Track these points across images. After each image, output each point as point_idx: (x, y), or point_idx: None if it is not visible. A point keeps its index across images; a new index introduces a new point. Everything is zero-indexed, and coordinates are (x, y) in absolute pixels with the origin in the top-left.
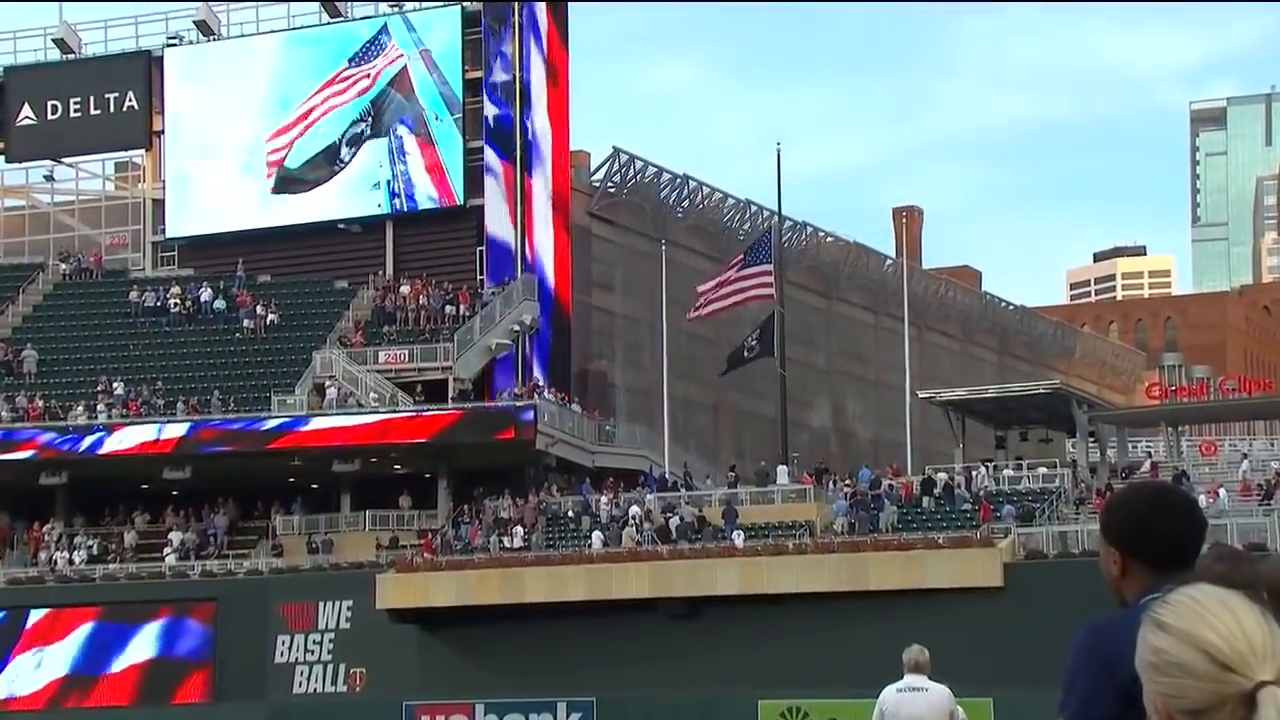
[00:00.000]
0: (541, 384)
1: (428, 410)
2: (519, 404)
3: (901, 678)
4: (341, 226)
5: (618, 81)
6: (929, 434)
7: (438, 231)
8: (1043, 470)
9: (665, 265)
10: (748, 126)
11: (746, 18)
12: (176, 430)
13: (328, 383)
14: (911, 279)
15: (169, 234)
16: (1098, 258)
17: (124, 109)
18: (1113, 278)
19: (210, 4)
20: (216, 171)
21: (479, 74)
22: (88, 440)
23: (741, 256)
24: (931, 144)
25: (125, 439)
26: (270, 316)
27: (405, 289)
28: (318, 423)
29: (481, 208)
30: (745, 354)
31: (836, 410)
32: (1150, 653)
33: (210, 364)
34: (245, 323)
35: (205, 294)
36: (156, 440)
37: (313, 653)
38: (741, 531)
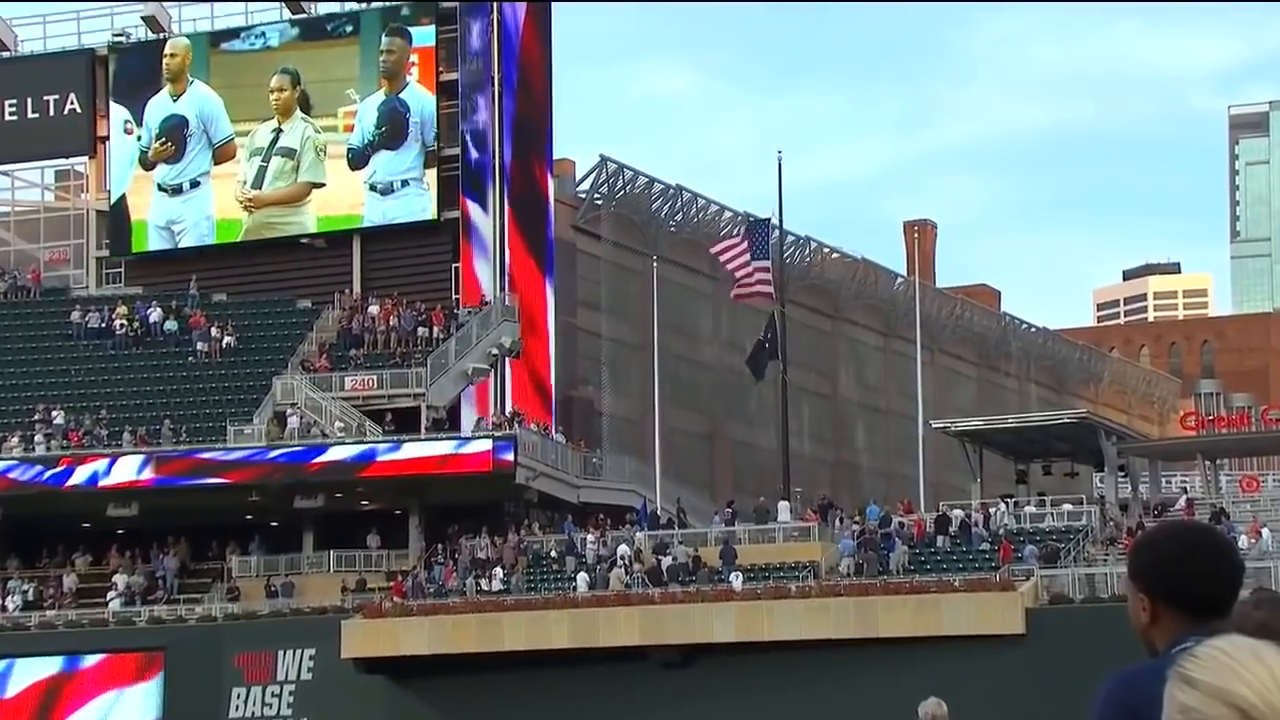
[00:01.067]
0: (522, 413)
1: (398, 440)
2: (497, 435)
3: None
4: (305, 240)
5: (606, 86)
6: (943, 467)
7: (410, 247)
8: (1068, 507)
9: (656, 283)
10: (747, 134)
11: (745, 18)
12: (123, 463)
13: (289, 411)
14: (924, 298)
15: (115, 248)
16: (1127, 276)
17: (64, 112)
18: (1144, 297)
19: (162, 1)
20: None
21: (453, 75)
22: (24, 474)
23: (745, 243)
24: (945, 153)
25: (66, 473)
26: (226, 339)
27: (374, 309)
28: (279, 454)
29: (457, 221)
30: (766, 350)
31: (843, 441)
32: (1178, 710)
33: (160, 391)
34: (199, 345)
35: (154, 314)
36: (100, 474)
37: (270, 706)
38: (740, 573)
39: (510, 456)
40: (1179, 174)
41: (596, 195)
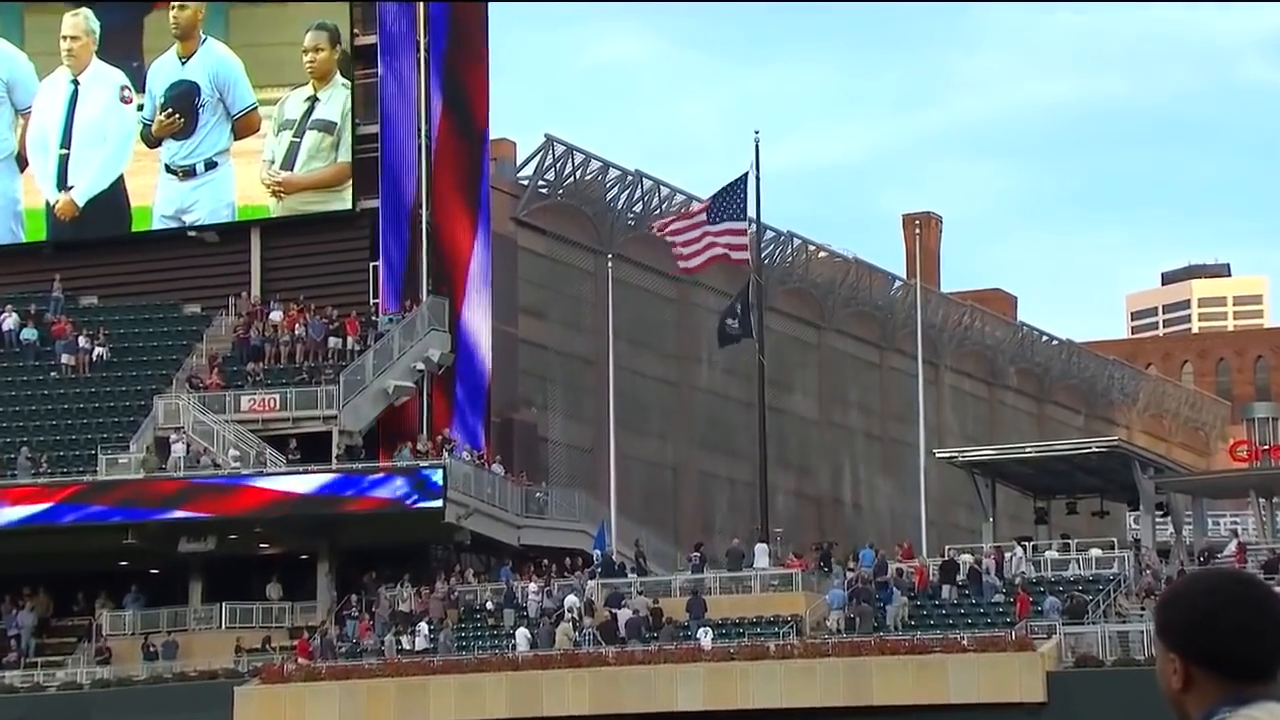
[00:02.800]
0: (453, 438)
1: (305, 472)
2: (423, 464)
3: None
4: (193, 234)
5: (551, 54)
6: (950, 504)
7: (319, 242)
8: (1097, 553)
9: (612, 286)
10: (717, 111)
11: None
12: None
13: (173, 437)
14: (927, 305)
15: None
16: (1167, 279)
17: None
18: (1186, 304)
19: None
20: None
21: (371, 39)
22: None
23: (704, 208)
24: (952, 135)
25: None
26: (98, 351)
27: (276, 315)
28: (160, 488)
29: (376, 211)
30: (729, 329)
31: (831, 473)
32: None
33: (16, 413)
34: (64, 358)
35: (9, 321)
36: None
37: None
38: (709, 629)
39: (438, 490)
40: (1228, 160)
41: (541, 182)
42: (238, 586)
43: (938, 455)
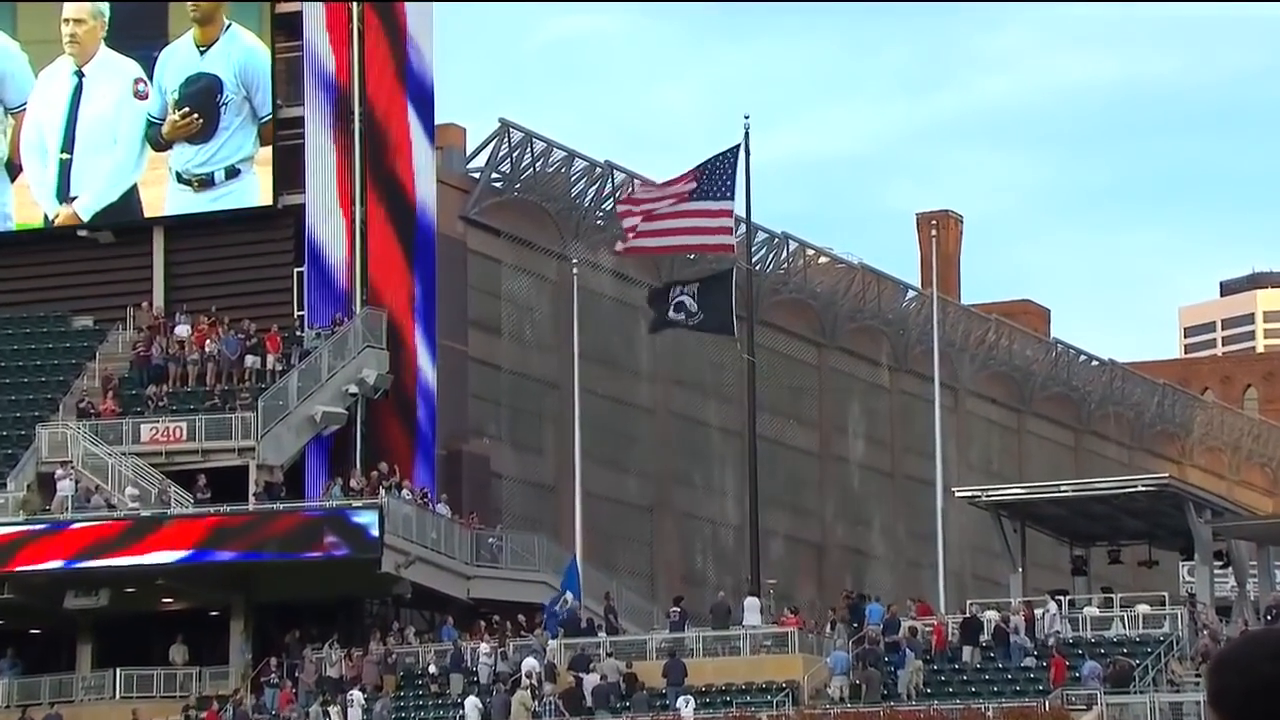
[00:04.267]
0: (391, 473)
1: (217, 513)
2: (356, 504)
3: None
4: (84, 234)
5: (507, 28)
6: (972, 551)
7: (233, 243)
8: (1144, 609)
9: (578, 296)
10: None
11: None
12: None
13: (60, 472)
14: (945, 319)
15: None
16: (1226, 289)
17: None
18: (1249, 319)
19: None
20: None
21: (295, 6)
22: None
23: (692, 178)
24: (972, 122)
25: None
26: None
27: (183, 330)
28: (45, 530)
29: (301, 208)
30: (674, 311)
31: (833, 515)
32: None
33: None
34: None
35: None
36: None
37: None
38: (691, 698)
39: (374, 535)
40: None
41: (495, 175)
42: (135, 649)
43: (957, 494)
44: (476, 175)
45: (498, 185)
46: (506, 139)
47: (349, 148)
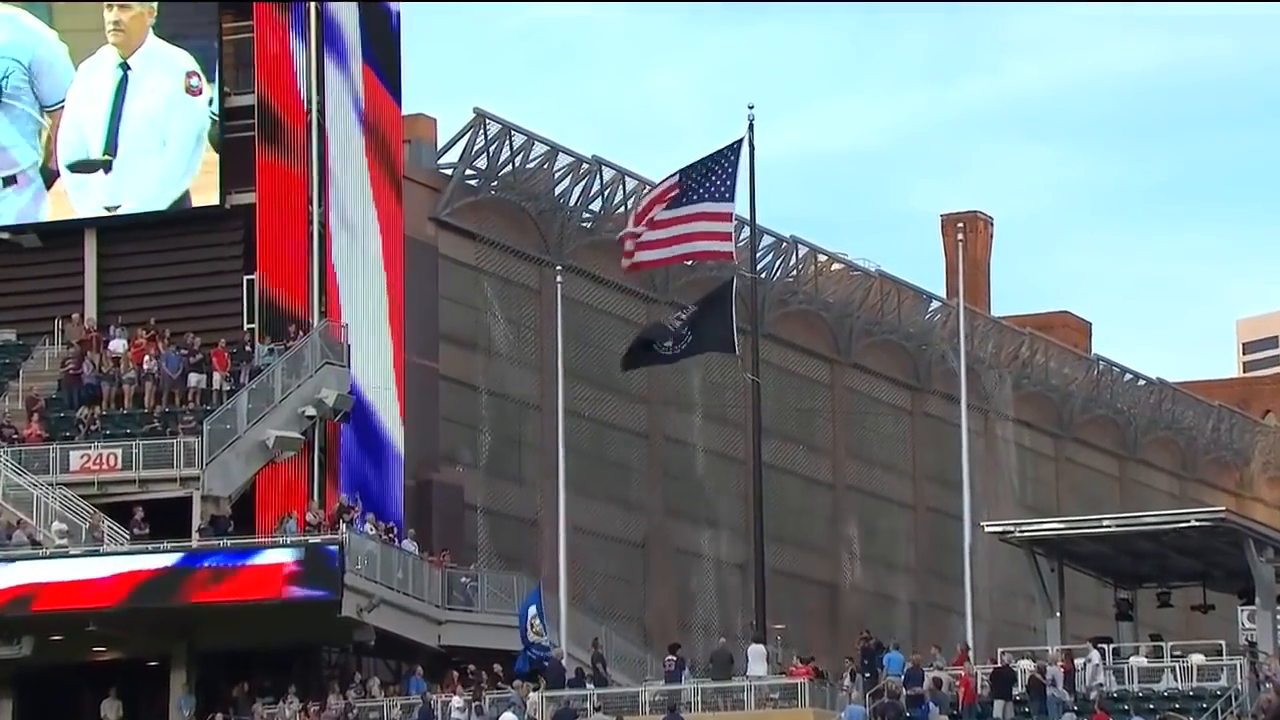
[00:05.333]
0: (353, 506)
1: (156, 551)
2: (313, 540)
3: None
4: (6, 237)
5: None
6: (1004, 593)
7: (176, 248)
8: (1198, 659)
9: (561, 306)
10: (698, 81)
11: None
12: None
13: None
14: (974, 333)
15: None
16: None
17: None
18: None
19: None
20: None
21: None
22: None
23: (676, 182)
24: (1002, 113)
25: None
26: None
27: (118, 345)
28: None
29: (252, 209)
30: (658, 345)
31: (847, 552)
32: None
33: None
34: None
35: None
36: None
37: None
38: None
39: (334, 575)
40: None
41: (469, 171)
42: (62, 704)
43: (987, 529)
44: (448, 172)
45: (472, 183)
46: (482, 131)
47: (306, 140)
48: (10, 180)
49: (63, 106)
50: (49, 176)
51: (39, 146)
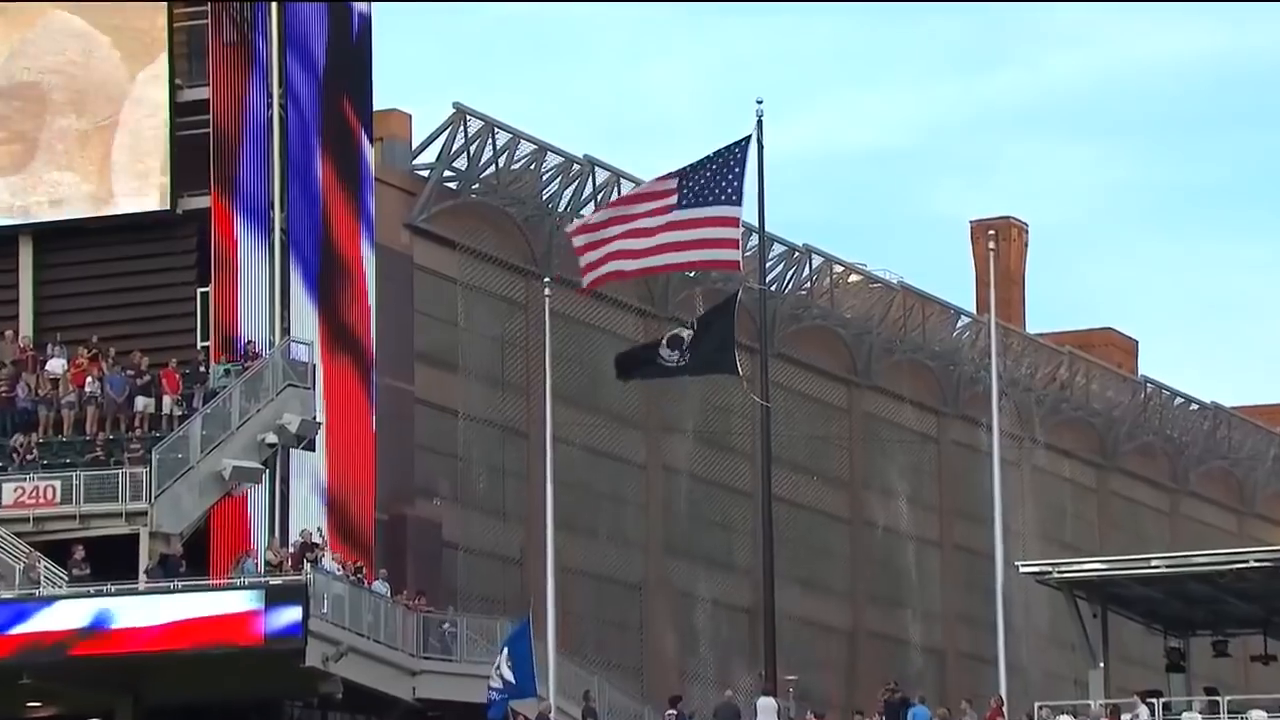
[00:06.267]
0: (320, 543)
1: (99, 594)
2: (275, 581)
3: None
4: None
5: None
6: (1042, 640)
7: (121, 257)
8: (1259, 716)
9: (550, 322)
10: (701, 73)
11: None
12: None
13: None
14: (1007, 352)
15: None
16: None
17: None
18: None
19: None
20: None
21: None
22: None
23: (673, 187)
24: (1039, 107)
25: None
26: None
27: (57, 365)
28: None
29: (206, 215)
30: (661, 357)
31: (867, 594)
32: None
33: None
34: None
35: None
36: None
37: None
38: None
39: (296, 620)
40: None
41: (448, 172)
42: None
43: (1022, 570)
44: (424, 173)
45: (451, 186)
46: (462, 128)
47: (264, 140)
48: None
49: None
50: None
51: None
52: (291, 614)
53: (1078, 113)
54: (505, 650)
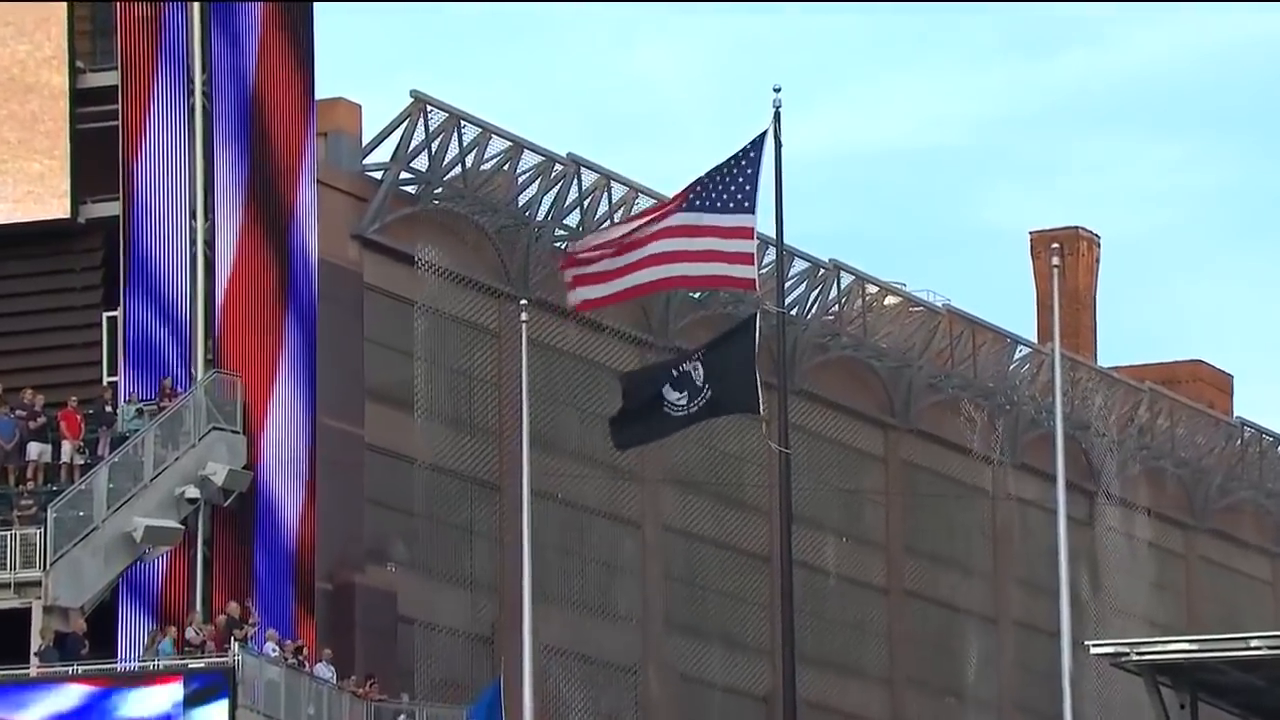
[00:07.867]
0: (254, 617)
1: None
2: (197, 664)
3: None
4: None
5: None
6: None
7: (11, 275)
8: None
9: (527, 352)
10: (705, 60)
11: None
12: None
13: None
14: (1074, 390)
15: None
16: None
17: None
18: None
19: None
20: None
21: None
22: None
23: (680, 198)
24: (1110, 99)
25: None
26: None
27: None
28: None
29: (116, 222)
30: (668, 403)
31: (907, 677)
32: None
33: None
34: None
35: None
36: None
37: None
38: None
39: (223, 711)
40: None
41: (406, 175)
42: None
43: (1095, 651)
44: (378, 175)
45: (409, 189)
46: (422, 121)
47: (186, 136)
48: None
49: None
50: None
51: None
52: (216, 710)
53: (1159, 104)
54: None
